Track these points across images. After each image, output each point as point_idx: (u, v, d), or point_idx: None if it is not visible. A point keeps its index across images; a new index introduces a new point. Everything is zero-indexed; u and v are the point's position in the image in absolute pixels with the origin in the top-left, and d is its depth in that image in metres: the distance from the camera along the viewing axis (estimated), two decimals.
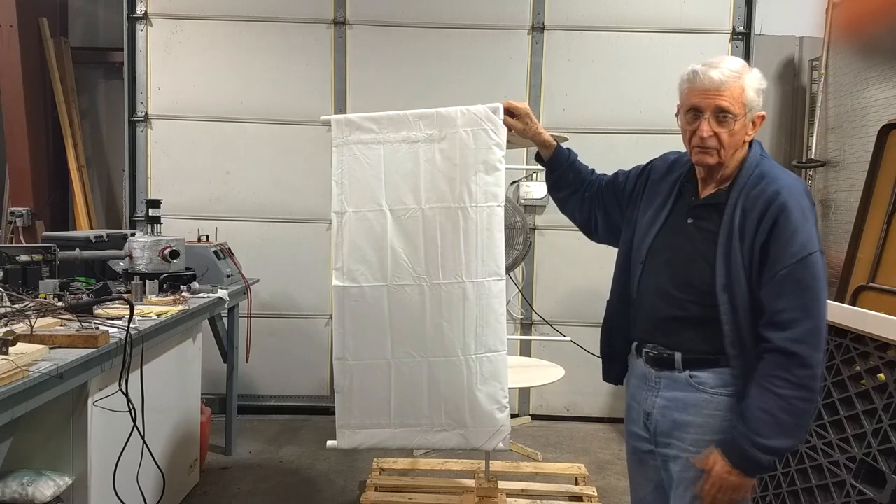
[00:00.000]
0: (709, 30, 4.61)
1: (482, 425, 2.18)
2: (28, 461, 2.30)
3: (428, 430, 2.25)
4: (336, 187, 2.30)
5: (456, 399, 2.20)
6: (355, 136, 2.28)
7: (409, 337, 2.23)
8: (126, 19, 4.60)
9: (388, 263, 2.23)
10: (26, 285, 2.61)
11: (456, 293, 2.16)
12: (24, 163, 4.84)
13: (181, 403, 3.30)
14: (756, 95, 1.73)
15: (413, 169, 2.21)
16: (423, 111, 2.25)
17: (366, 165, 2.27)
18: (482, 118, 2.13)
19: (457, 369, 2.17)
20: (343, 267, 2.30)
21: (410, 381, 2.24)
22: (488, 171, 2.13)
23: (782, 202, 1.65)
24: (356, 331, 2.29)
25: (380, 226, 2.24)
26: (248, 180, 4.72)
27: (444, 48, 4.66)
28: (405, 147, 2.24)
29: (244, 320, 3.99)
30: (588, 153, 4.93)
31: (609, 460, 4.11)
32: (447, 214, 2.16)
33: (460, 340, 2.17)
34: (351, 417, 2.33)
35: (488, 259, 2.13)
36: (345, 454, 4.07)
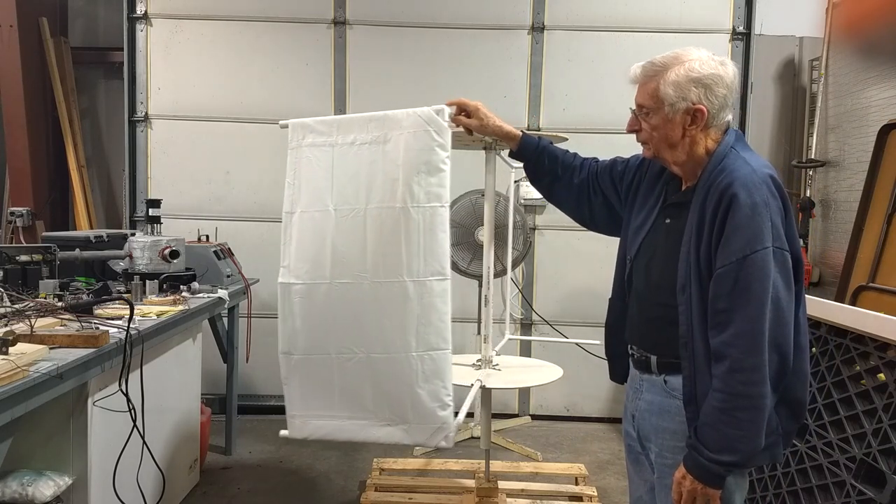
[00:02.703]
0: (709, 30, 4.61)
1: (424, 422, 2.21)
2: (28, 461, 2.30)
3: (373, 425, 2.31)
4: (288, 189, 2.40)
5: (398, 395, 2.24)
6: (309, 139, 2.36)
7: (350, 333, 2.28)
8: (126, 19, 4.60)
9: (331, 262, 2.29)
10: (26, 285, 2.61)
11: (397, 292, 2.19)
12: (24, 163, 4.84)
13: (181, 403, 3.30)
14: (677, 90, 1.64)
15: (358, 170, 2.27)
16: (374, 114, 2.30)
17: (316, 167, 2.35)
18: (425, 120, 2.15)
19: (398, 366, 2.21)
20: (289, 265, 2.38)
21: (353, 376, 2.29)
22: (431, 172, 2.15)
23: (731, 196, 1.57)
24: (301, 326, 2.37)
25: (324, 225, 2.31)
26: (248, 180, 4.72)
27: (444, 48, 4.66)
28: (353, 149, 2.29)
29: (244, 320, 3.99)
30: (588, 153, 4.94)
31: (609, 460, 4.11)
32: (389, 214, 2.20)
33: (401, 338, 2.20)
34: (299, 408, 2.42)
35: (431, 259, 2.15)
36: (345, 454, 4.07)
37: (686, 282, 1.64)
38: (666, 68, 1.66)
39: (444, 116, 2.14)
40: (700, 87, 1.64)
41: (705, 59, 1.66)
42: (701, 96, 1.64)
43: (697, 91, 1.64)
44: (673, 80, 1.65)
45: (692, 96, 1.64)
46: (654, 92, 1.67)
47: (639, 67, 1.71)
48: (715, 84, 1.64)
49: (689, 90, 1.64)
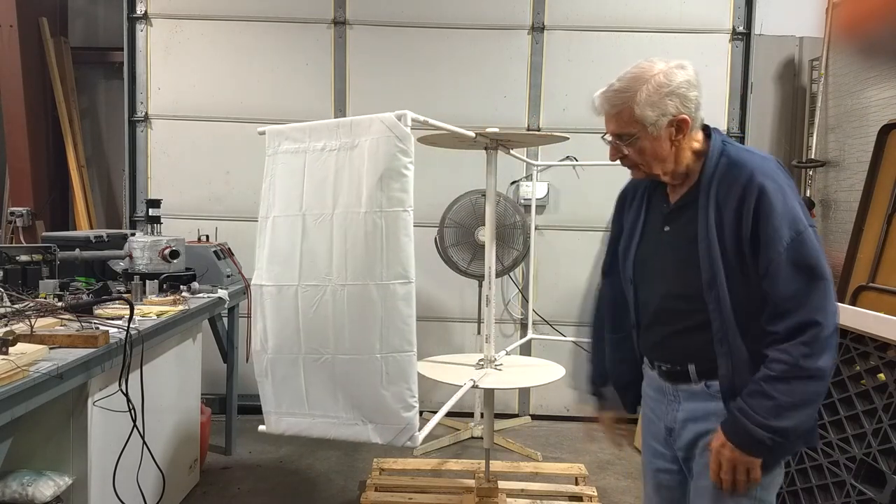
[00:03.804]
0: (709, 30, 4.62)
1: (389, 422, 2.26)
2: (28, 461, 2.30)
3: (342, 424, 2.38)
4: (265, 194, 2.44)
5: (364, 396, 2.30)
6: (284, 145, 2.43)
7: (317, 335, 2.34)
8: (126, 19, 4.60)
9: (300, 265, 2.34)
10: (26, 285, 2.62)
11: (361, 295, 2.24)
12: (24, 163, 4.84)
13: (181, 403, 3.30)
14: (654, 108, 1.64)
15: (326, 176, 2.33)
16: (340, 120, 2.36)
17: (289, 173, 2.41)
18: (388, 126, 2.18)
19: (363, 368, 2.26)
20: (262, 267, 2.43)
21: (321, 376, 2.36)
22: (394, 177, 2.18)
23: (758, 186, 1.57)
24: (272, 327, 2.42)
25: (295, 230, 2.37)
26: (248, 180, 4.72)
27: (444, 48, 4.66)
28: (324, 155, 2.35)
29: (244, 320, 3.98)
30: (588, 153, 4.95)
31: (609, 460, 4.11)
32: (354, 219, 2.25)
33: (366, 340, 2.24)
34: (273, 405, 2.47)
35: (394, 263, 2.19)
36: (345, 454, 4.07)
37: (712, 278, 1.62)
38: (633, 91, 1.65)
39: (407, 122, 2.16)
40: (674, 97, 1.64)
41: (666, 69, 1.65)
42: (679, 106, 1.65)
43: (674, 102, 1.64)
44: (646, 99, 1.64)
45: (671, 109, 1.65)
46: (630, 118, 1.66)
47: (600, 98, 1.70)
48: (686, 90, 1.65)
49: (666, 104, 1.64)
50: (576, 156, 4.55)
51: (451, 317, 4.72)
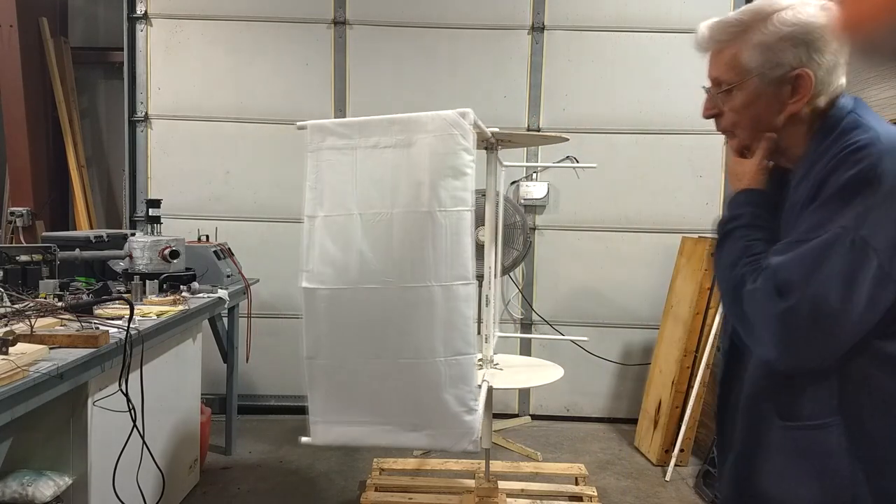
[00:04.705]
0: None
1: (450, 427, 2.21)
2: (28, 461, 2.30)
3: (398, 430, 2.29)
4: (310, 192, 2.33)
5: (424, 401, 2.23)
6: (329, 141, 2.32)
7: (377, 339, 2.26)
8: (126, 19, 4.60)
9: (357, 267, 2.27)
10: (26, 285, 2.61)
11: (424, 297, 2.19)
12: (24, 163, 4.83)
13: (181, 403, 3.30)
14: (767, 53, 1.26)
15: (382, 174, 2.25)
16: (395, 116, 2.28)
17: (338, 171, 2.31)
18: (451, 123, 2.14)
19: (425, 371, 2.20)
20: (313, 269, 2.31)
21: (380, 381, 2.28)
22: (456, 175, 2.15)
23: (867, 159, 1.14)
24: (326, 331, 2.32)
25: (349, 230, 2.28)
26: (248, 180, 4.72)
27: (445, 48, 4.66)
28: (376, 152, 2.27)
29: (244, 320, 3.99)
30: (588, 153, 4.96)
31: (609, 460, 4.11)
32: (416, 219, 2.19)
33: (428, 343, 2.19)
34: (323, 414, 2.37)
35: (456, 263, 2.16)
36: (345, 454, 4.07)
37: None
38: (745, 26, 1.30)
39: (469, 120, 2.14)
40: (799, 45, 1.24)
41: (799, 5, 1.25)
42: (802, 57, 1.24)
43: (796, 52, 1.24)
44: (759, 41, 1.27)
45: (788, 58, 1.25)
46: (733, 61, 1.32)
47: (707, 29, 1.38)
48: (820, 38, 1.23)
49: (785, 51, 1.25)
50: (576, 156, 4.56)
51: None
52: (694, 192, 4.70)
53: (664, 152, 4.67)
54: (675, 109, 4.63)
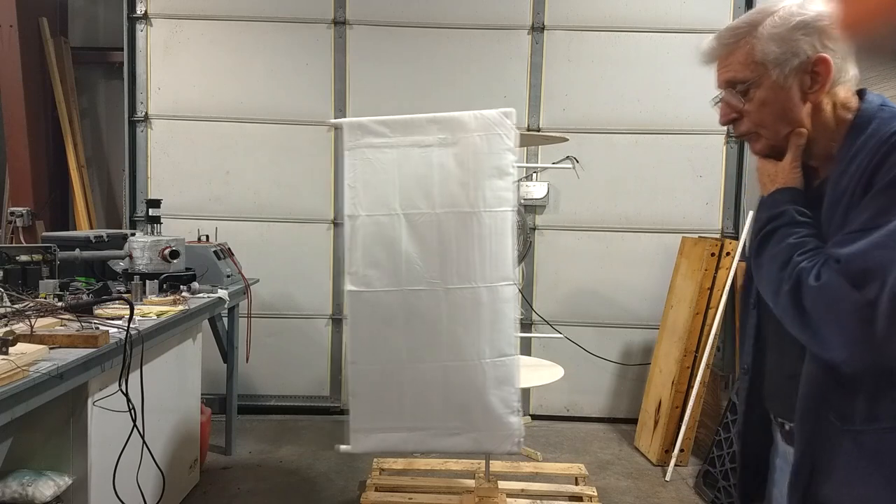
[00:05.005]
0: (709, 30, 4.54)
1: (495, 429, 2.18)
2: (28, 461, 2.30)
3: (440, 434, 2.26)
4: (349, 191, 2.28)
5: (469, 403, 2.20)
6: (367, 139, 2.27)
7: (423, 342, 2.22)
8: (126, 19, 4.61)
9: (402, 268, 2.22)
10: (26, 285, 2.61)
11: (470, 298, 2.16)
12: (24, 163, 4.83)
13: (181, 403, 3.30)
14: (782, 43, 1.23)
15: (426, 173, 2.21)
16: (435, 115, 2.25)
17: (378, 169, 2.25)
18: (494, 123, 2.12)
19: (471, 374, 2.18)
20: (357, 272, 2.27)
21: (424, 385, 2.24)
22: (500, 175, 2.14)
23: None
24: (371, 335, 2.28)
25: (393, 230, 2.23)
26: (248, 180, 4.72)
27: (444, 48, 4.66)
28: (417, 151, 2.23)
29: (244, 320, 3.99)
30: (588, 153, 4.96)
31: (609, 460, 4.11)
32: (461, 219, 2.16)
33: (475, 345, 2.16)
34: (364, 421, 2.32)
35: (500, 264, 2.14)
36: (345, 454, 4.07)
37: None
38: (755, 25, 1.26)
39: (513, 119, 2.12)
40: (811, 32, 1.23)
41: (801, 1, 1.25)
42: (817, 44, 1.22)
43: (810, 39, 1.23)
44: (770, 33, 1.24)
45: (804, 47, 1.23)
46: (748, 58, 1.26)
47: (712, 38, 1.33)
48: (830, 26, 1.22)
49: (798, 40, 1.23)
50: (576, 156, 4.56)
51: None
52: (694, 192, 4.70)
53: (664, 152, 4.67)
54: (674, 109, 4.63)
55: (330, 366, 4.81)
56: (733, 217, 4.71)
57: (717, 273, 4.04)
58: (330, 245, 4.75)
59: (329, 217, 4.74)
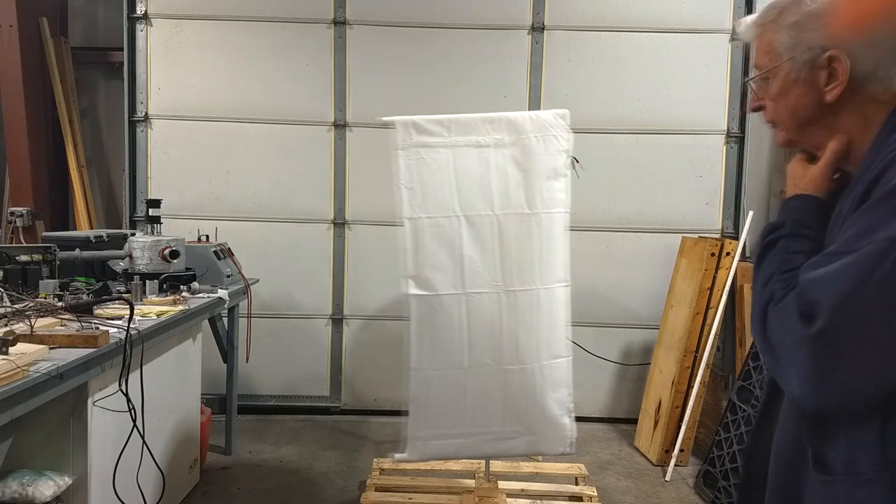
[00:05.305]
0: (709, 30, 4.61)
1: (550, 431, 2.20)
2: (28, 461, 2.30)
3: (497, 439, 2.25)
4: (406, 192, 2.23)
5: (528, 406, 2.20)
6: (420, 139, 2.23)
7: (485, 345, 2.21)
8: (126, 19, 4.61)
9: (464, 271, 2.20)
10: (26, 285, 2.61)
11: (530, 300, 2.16)
12: (24, 163, 4.83)
13: (181, 403, 3.30)
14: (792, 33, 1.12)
15: (484, 174, 2.19)
16: (490, 115, 2.24)
17: (435, 170, 2.21)
18: (550, 124, 2.12)
19: (530, 376, 2.18)
20: (419, 275, 2.23)
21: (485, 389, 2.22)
22: (556, 177, 2.15)
23: None
24: (433, 340, 2.24)
25: (454, 232, 2.20)
26: (248, 180, 4.72)
27: (444, 48, 4.66)
28: (473, 151, 2.20)
29: (244, 320, 3.99)
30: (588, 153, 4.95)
31: (609, 460, 4.11)
32: (520, 221, 2.16)
33: (534, 348, 2.17)
34: (423, 428, 2.29)
35: (556, 266, 2.14)
36: (345, 454, 4.07)
37: None
38: (783, 10, 1.15)
39: (567, 121, 2.12)
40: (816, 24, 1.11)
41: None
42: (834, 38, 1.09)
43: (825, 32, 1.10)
44: (788, 22, 1.13)
45: (817, 39, 1.10)
46: (768, 45, 1.17)
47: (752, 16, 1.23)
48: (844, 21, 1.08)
49: (812, 30, 1.10)
50: (576, 156, 4.55)
51: None
52: (694, 192, 4.70)
53: (664, 152, 4.67)
54: (675, 109, 4.63)
55: (330, 366, 4.81)
56: (733, 217, 4.71)
57: (717, 273, 4.04)
58: (330, 245, 4.75)
59: (329, 217, 4.74)
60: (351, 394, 4.82)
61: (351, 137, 4.69)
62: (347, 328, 4.80)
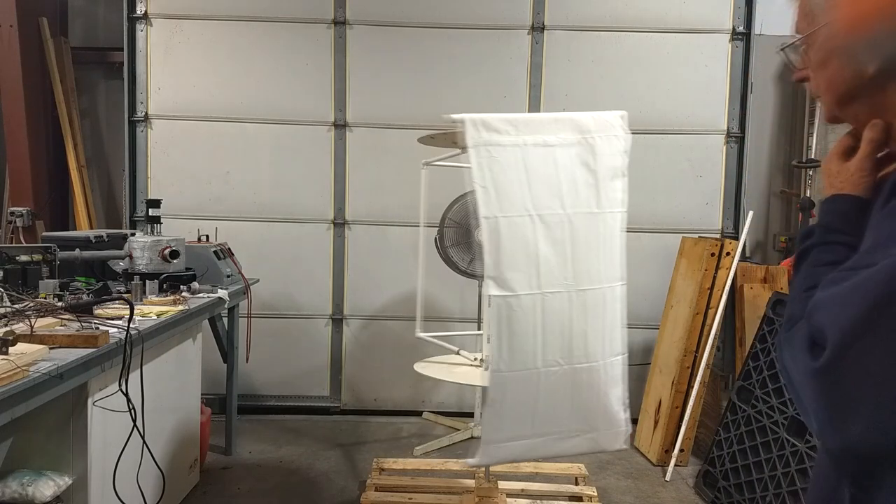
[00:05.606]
0: (709, 30, 4.61)
1: (611, 427, 2.23)
2: (28, 461, 2.30)
3: (563, 438, 2.26)
4: (481, 192, 2.19)
5: (593, 403, 2.23)
6: (489, 136, 2.20)
7: (557, 345, 2.22)
8: (126, 19, 4.60)
9: (539, 270, 2.20)
10: (26, 285, 2.61)
11: (597, 299, 2.19)
12: (24, 163, 4.84)
13: (181, 403, 3.30)
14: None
15: (552, 173, 2.19)
16: (557, 115, 2.27)
17: (506, 168, 2.19)
18: (613, 124, 2.14)
19: (596, 374, 2.21)
20: (500, 275, 2.20)
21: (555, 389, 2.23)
22: (618, 177, 2.17)
23: None
24: (511, 341, 2.23)
25: (530, 232, 2.19)
26: (248, 180, 4.72)
27: (444, 48, 4.66)
28: (542, 150, 2.20)
29: (244, 320, 3.99)
30: None
31: (609, 460, 4.11)
32: (589, 220, 2.18)
33: (599, 345, 2.20)
34: (498, 431, 2.27)
35: (616, 264, 2.17)
36: (345, 454, 4.07)
37: None
38: None
39: (626, 122, 2.15)
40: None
41: None
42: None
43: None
44: None
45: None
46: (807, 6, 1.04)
47: None
48: None
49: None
50: None
51: (451, 317, 4.72)
52: (694, 192, 4.70)
53: (664, 152, 4.67)
54: (675, 109, 4.63)
55: (330, 366, 4.81)
56: (733, 217, 4.71)
57: (717, 273, 4.04)
58: (330, 245, 4.75)
59: (329, 217, 4.74)
60: (351, 394, 4.82)
61: (351, 137, 4.69)
62: (347, 328, 4.80)
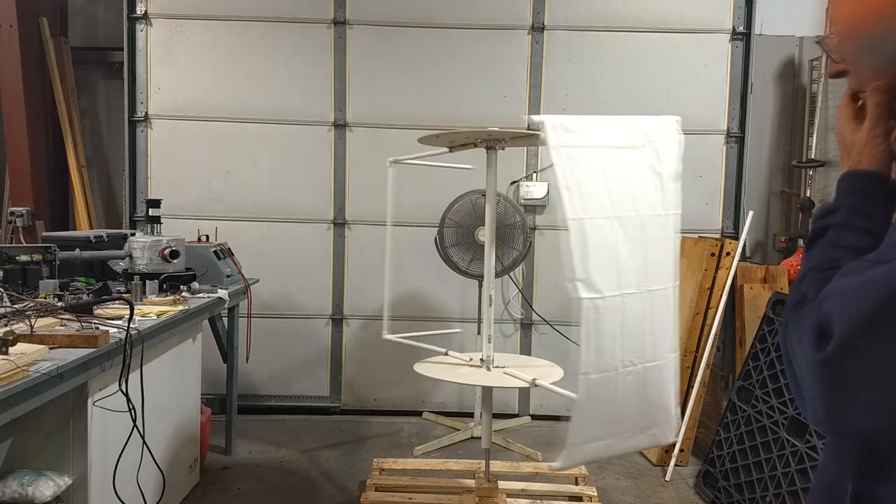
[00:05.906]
0: (709, 30, 4.61)
1: (668, 421, 2.31)
2: (28, 461, 2.30)
3: (631, 435, 2.30)
4: (566, 193, 2.18)
5: (656, 400, 2.30)
6: (566, 138, 2.21)
7: (632, 345, 2.27)
8: (126, 19, 4.60)
9: (619, 272, 2.23)
10: (26, 285, 2.61)
11: (664, 298, 2.25)
12: (24, 163, 4.84)
13: (181, 403, 3.30)
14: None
15: (624, 175, 2.23)
16: (622, 118, 2.33)
17: (586, 170, 2.21)
18: (671, 129, 2.19)
19: (660, 372, 2.27)
20: (587, 278, 2.22)
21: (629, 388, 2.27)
22: (676, 179, 2.21)
23: None
24: (598, 343, 2.27)
25: (611, 233, 2.21)
26: (248, 180, 4.72)
27: (444, 48, 4.66)
28: (614, 152, 2.25)
29: (244, 320, 3.99)
30: None
31: (609, 460, 4.11)
32: (657, 221, 2.23)
33: (664, 344, 2.26)
34: (583, 433, 2.30)
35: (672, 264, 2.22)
36: (345, 454, 4.07)
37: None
38: None
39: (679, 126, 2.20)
40: None
41: None
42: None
43: None
44: None
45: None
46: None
47: None
48: None
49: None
50: None
51: (451, 317, 4.72)
52: (694, 192, 4.70)
53: None
54: (674, 109, 4.59)
55: (330, 366, 4.81)
56: (733, 217, 4.71)
57: (717, 273, 4.04)
58: (330, 245, 4.75)
59: (329, 217, 4.74)
60: (351, 394, 4.82)
61: (351, 137, 4.69)
62: (347, 328, 4.80)
